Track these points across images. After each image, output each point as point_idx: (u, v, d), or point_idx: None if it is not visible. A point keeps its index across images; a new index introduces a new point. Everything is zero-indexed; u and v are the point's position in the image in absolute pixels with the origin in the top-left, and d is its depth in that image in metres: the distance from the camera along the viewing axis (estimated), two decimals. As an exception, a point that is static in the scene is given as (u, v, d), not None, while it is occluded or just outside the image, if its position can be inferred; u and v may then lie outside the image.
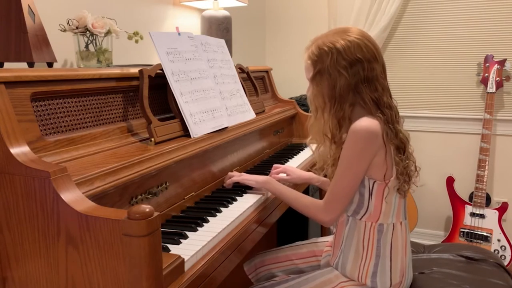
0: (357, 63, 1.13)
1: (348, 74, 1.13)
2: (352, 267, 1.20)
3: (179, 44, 1.39)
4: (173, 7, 2.10)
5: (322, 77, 1.17)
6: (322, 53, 1.16)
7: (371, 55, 1.14)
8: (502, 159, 2.61)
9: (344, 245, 1.22)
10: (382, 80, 1.17)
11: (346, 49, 1.13)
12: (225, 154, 1.49)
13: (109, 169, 0.93)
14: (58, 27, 1.35)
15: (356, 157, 1.13)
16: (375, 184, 1.15)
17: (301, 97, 2.72)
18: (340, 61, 1.13)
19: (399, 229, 1.19)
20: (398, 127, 1.16)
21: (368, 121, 1.12)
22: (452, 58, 2.64)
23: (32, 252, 0.83)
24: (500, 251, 2.40)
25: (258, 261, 1.50)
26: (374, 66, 1.15)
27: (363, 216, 1.19)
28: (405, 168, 1.16)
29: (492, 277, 1.28)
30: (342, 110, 1.16)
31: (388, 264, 1.18)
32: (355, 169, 1.13)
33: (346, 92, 1.14)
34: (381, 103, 1.15)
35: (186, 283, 0.86)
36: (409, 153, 1.19)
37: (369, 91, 1.14)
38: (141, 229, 0.71)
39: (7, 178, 0.82)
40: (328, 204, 1.18)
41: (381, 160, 1.13)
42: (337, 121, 1.17)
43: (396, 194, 1.17)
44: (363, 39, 1.15)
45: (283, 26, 3.03)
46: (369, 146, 1.11)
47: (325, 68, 1.15)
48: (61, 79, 1.00)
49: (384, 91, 1.17)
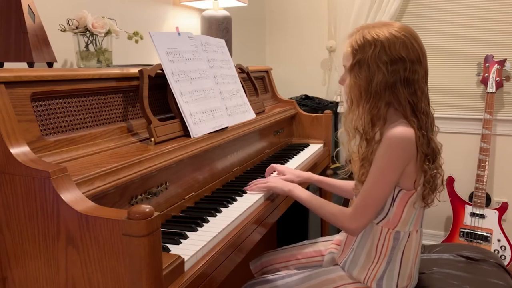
0: (399, 61, 1.09)
1: (387, 71, 1.09)
2: (361, 269, 1.19)
3: (179, 44, 1.39)
4: (173, 7, 2.10)
5: (361, 69, 1.12)
6: (365, 43, 1.11)
7: (415, 56, 1.10)
8: (502, 159, 2.61)
9: (356, 246, 1.21)
10: (423, 85, 1.12)
11: (391, 44, 1.08)
12: (225, 154, 1.49)
13: (109, 169, 0.93)
14: (58, 27, 1.35)
15: (390, 165, 1.09)
16: (400, 192, 1.13)
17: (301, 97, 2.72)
18: (382, 56, 1.09)
19: (414, 236, 1.18)
20: (431, 136, 1.13)
21: (403, 129, 1.08)
22: (452, 58, 2.64)
23: (32, 252, 0.83)
24: (500, 251, 2.40)
25: (264, 260, 1.50)
26: (416, 68, 1.10)
27: (380, 221, 1.17)
28: (432, 178, 1.13)
29: (492, 277, 1.28)
30: (377, 108, 1.11)
31: (397, 270, 1.17)
32: (388, 178, 1.10)
33: (383, 89, 1.10)
34: (417, 108, 1.11)
35: (186, 283, 0.86)
36: (439, 165, 1.16)
37: (407, 93, 1.10)
38: (141, 229, 0.71)
39: (7, 178, 0.82)
40: (357, 212, 1.14)
41: (412, 168, 1.10)
42: (371, 118, 1.13)
43: (419, 204, 1.15)
44: (410, 38, 1.10)
45: (283, 26, 3.03)
46: (403, 154, 1.08)
47: (365, 59, 1.10)
48: (61, 79, 1.00)
49: (423, 97, 1.12)
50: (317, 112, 2.39)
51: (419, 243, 1.21)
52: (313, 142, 2.13)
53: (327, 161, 2.13)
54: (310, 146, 2.07)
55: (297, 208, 1.33)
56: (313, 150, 1.98)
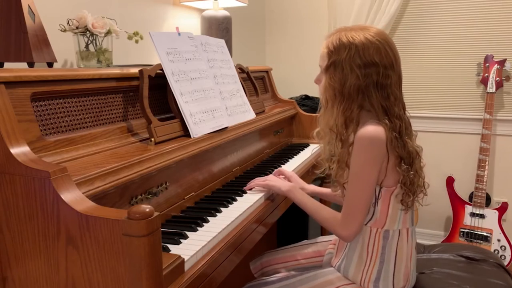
0: (372, 65, 1.10)
1: (361, 74, 1.10)
2: (355, 271, 1.19)
3: (179, 44, 1.39)
4: (173, 7, 2.10)
5: (336, 70, 1.14)
6: (340, 45, 1.13)
7: (388, 62, 1.11)
8: (502, 159, 2.61)
9: (348, 249, 1.21)
10: (396, 90, 1.14)
11: (365, 48, 1.10)
12: (225, 154, 1.49)
13: (109, 169, 0.93)
14: (58, 27, 1.35)
15: (365, 166, 1.10)
16: (382, 190, 1.14)
17: (301, 97, 2.72)
18: (356, 59, 1.11)
19: (405, 235, 1.18)
20: (406, 139, 1.13)
21: (373, 128, 1.09)
22: (452, 58, 2.64)
23: (32, 252, 0.83)
24: (500, 251, 2.40)
25: (264, 261, 1.50)
26: (389, 73, 1.11)
27: (368, 221, 1.17)
28: (410, 181, 1.12)
29: (492, 277, 1.28)
30: (350, 110, 1.13)
31: (392, 270, 1.17)
32: (366, 178, 1.11)
33: (355, 92, 1.12)
34: (390, 112, 1.12)
35: (186, 283, 0.86)
36: (418, 168, 1.16)
37: (380, 97, 1.12)
38: (141, 229, 0.71)
39: (7, 178, 0.82)
40: (345, 218, 1.15)
41: (388, 166, 1.11)
42: (344, 120, 1.14)
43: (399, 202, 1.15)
44: (384, 43, 1.12)
45: (283, 26, 3.03)
46: (376, 152, 1.09)
47: (340, 61, 1.12)
48: (61, 79, 1.00)
49: (396, 102, 1.14)
50: (317, 112, 2.39)
51: (412, 243, 1.21)
52: (313, 142, 2.13)
53: (327, 161, 2.13)
54: (310, 146, 2.07)
55: (297, 208, 1.33)
56: (313, 150, 1.98)
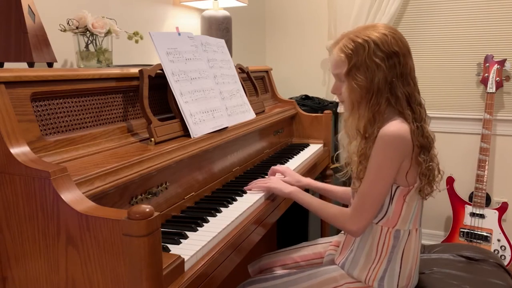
0: (394, 55, 1.12)
1: (386, 67, 1.11)
2: (361, 269, 1.19)
3: (179, 44, 1.39)
4: (173, 7, 2.10)
5: (359, 71, 1.13)
6: (357, 45, 1.13)
7: (406, 50, 1.15)
8: (502, 159, 2.61)
9: (356, 246, 1.21)
10: (414, 76, 1.17)
11: (383, 41, 1.12)
12: (225, 154, 1.49)
13: (109, 169, 0.93)
14: (58, 27, 1.35)
15: (386, 163, 1.10)
16: (398, 189, 1.14)
17: (301, 97, 2.72)
18: (378, 53, 1.11)
19: (414, 236, 1.18)
20: (425, 126, 1.15)
21: (397, 126, 1.10)
22: (452, 58, 2.64)
23: (32, 252, 0.83)
24: (500, 251, 2.40)
25: (262, 263, 1.49)
26: (407, 61, 1.15)
27: (380, 220, 1.17)
28: (428, 170, 1.14)
29: (492, 277, 1.28)
30: (378, 104, 1.13)
31: (398, 269, 1.17)
32: (385, 176, 1.11)
33: (384, 85, 1.12)
34: (412, 99, 1.14)
35: (186, 283, 0.86)
36: (434, 155, 1.17)
37: (402, 85, 1.13)
38: (141, 229, 0.71)
39: (7, 178, 0.82)
40: (356, 212, 1.15)
41: (407, 164, 1.11)
42: (372, 115, 1.14)
43: (417, 199, 1.16)
44: (396, 33, 1.15)
45: (283, 26, 3.03)
46: (399, 151, 1.10)
47: (362, 61, 1.13)
48: (61, 79, 1.00)
49: (415, 87, 1.17)
50: (317, 112, 2.39)
51: (419, 243, 1.21)
52: (313, 142, 2.13)
53: (327, 161, 2.13)
54: (310, 146, 2.07)
55: (297, 209, 1.33)
56: (313, 150, 1.98)
